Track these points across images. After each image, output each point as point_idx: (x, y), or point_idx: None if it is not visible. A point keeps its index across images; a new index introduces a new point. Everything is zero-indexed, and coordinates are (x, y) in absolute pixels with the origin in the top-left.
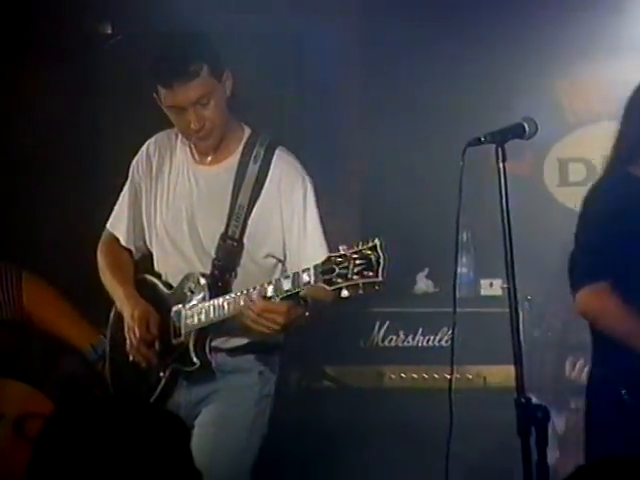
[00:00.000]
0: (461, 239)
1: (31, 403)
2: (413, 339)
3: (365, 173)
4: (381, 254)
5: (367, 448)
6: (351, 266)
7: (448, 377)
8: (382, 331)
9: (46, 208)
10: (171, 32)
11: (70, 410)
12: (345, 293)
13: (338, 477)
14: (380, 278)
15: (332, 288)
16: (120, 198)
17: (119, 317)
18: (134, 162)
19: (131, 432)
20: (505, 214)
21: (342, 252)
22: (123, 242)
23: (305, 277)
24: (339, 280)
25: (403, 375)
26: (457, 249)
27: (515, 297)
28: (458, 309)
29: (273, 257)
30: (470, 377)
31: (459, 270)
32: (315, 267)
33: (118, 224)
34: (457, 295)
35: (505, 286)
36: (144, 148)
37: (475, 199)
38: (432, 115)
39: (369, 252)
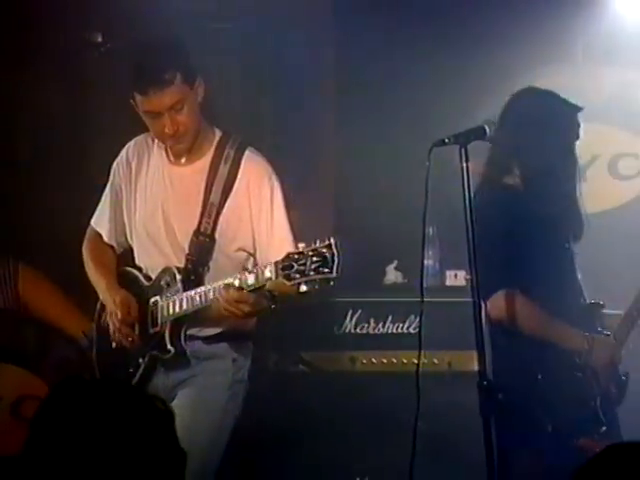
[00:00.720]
0: (428, 233)
1: (28, 386)
2: (383, 327)
3: (338, 171)
4: (335, 252)
5: (339, 428)
6: (308, 263)
7: (415, 362)
8: (354, 319)
9: (40, 206)
10: (147, 41)
11: (64, 392)
12: (304, 288)
13: (312, 455)
14: (334, 274)
15: (291, 283)
16: (103, 197)
17: (103, 308)
18: (114, 164)
19: (122, 414)
20: (468, 210)
21: (300, 250)
22: (105, 238)
23: (267, 273)
24: (297, 275)
25: (374, 360)
26: (424, 243)
27: (478, 287)
28: (425, 299)
29: (244, 251)
30: (436, 362)
31: (426, 262)
32: (276, 263)
33: (101, 222)
34: (424, 285)
35: (468, 277)
36: (124, 151)
37: (441, 196)
38: (401, 116)
39: (324, 250)
